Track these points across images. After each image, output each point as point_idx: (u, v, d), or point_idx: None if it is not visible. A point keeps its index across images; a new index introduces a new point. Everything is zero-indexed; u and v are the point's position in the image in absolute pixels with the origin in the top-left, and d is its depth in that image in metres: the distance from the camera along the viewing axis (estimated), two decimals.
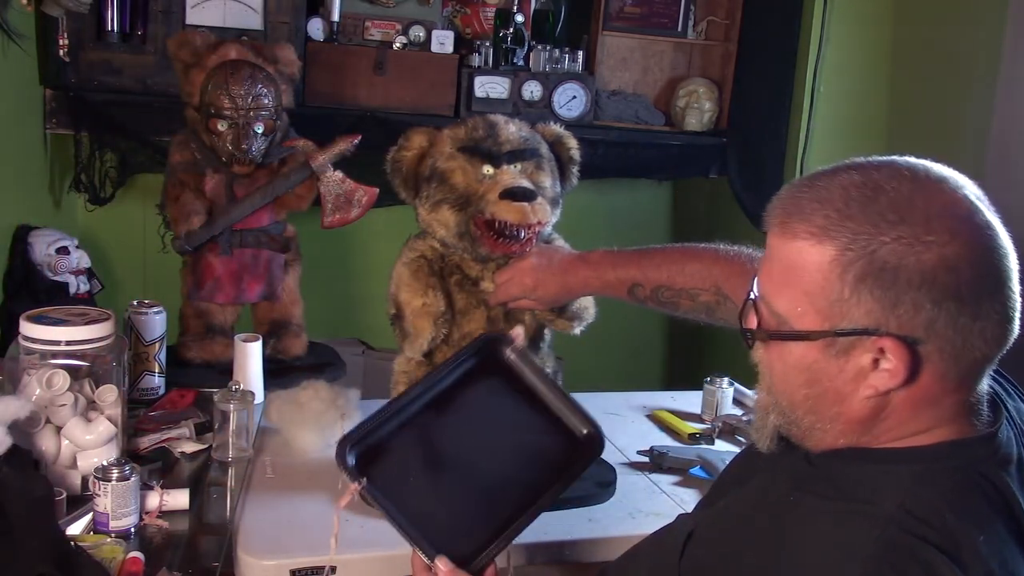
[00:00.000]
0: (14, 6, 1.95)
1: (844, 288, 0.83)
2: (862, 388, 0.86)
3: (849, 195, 0.84)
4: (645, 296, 1.36)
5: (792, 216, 0.87)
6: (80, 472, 1.37)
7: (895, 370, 0.84)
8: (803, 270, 0.86)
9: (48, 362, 1.36)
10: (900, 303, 0.82)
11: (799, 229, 0.86)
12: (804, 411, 0.91)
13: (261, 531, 1.36)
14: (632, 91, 2.89)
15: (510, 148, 1.41)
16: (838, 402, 0.88)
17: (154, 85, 2.36)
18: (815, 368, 0.88)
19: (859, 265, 0.82)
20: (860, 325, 0.84)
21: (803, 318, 0.87)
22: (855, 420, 0.89)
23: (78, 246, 2.20)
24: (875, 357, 0.84)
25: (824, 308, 0.85)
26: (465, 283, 1.46)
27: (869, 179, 0.85)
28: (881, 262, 0.81)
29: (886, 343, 0.83)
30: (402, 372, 1.51)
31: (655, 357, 3.40)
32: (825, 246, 0.84)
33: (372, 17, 2.59)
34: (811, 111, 2.68)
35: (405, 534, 1.09)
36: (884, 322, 0.83)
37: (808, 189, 0.87)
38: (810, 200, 0.86)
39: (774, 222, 0.89)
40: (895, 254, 0.81)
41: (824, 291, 0.84)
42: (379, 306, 1.51)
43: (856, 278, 0.82)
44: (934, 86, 2.57)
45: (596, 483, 1.55)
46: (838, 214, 0.84)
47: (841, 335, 0.85)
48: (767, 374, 0.94)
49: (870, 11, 2.68)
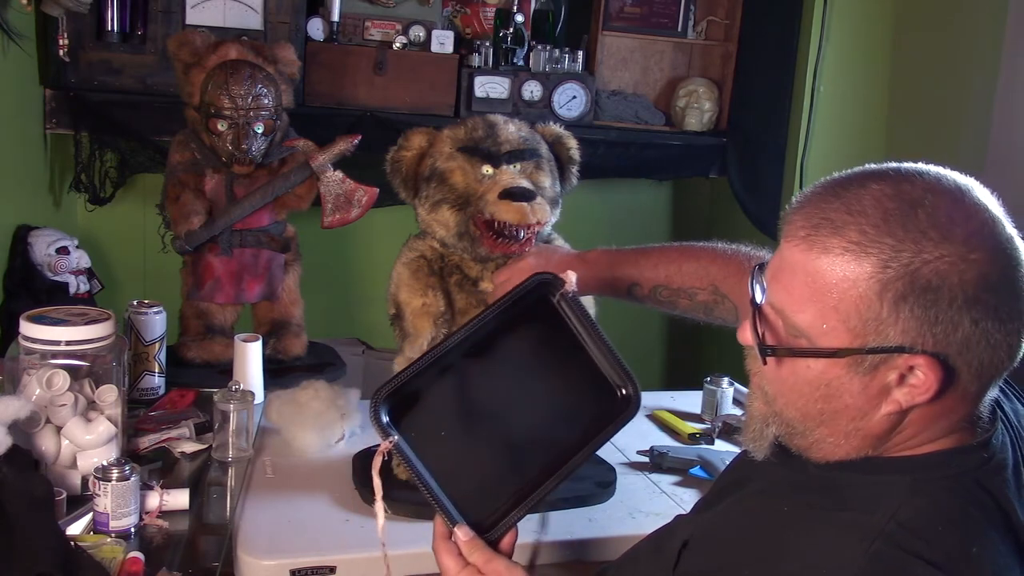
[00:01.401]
0: (14, 6, 1.95)
1: (883, 307, 0.80)
2: (884, 404, 0.84)
3: (885, 208, 0.81)
4: (643, 296, 1.36)
5: (820, 229, 0.83)
6: (80, 472, 1.37)
7: (924, 386, 0.82)
8: (835, 286, 0.82)
9: (48, 362, 1.36)
10: (939, 322, 0.80)
11: (831, 244, 0.82)
12: (816, 424, 0.89)
13: (261, 531, 1.36)
14: (632, 91, 2.89)
15: (509, 148, 1.41)
16: (857, 418, 0.86)
17: (154, 85, 2.36)
18: (835, 384, 0.85)
19: (900, 284, 0.79)
20: (895, 343, 0.81)
21: (829, 335, 0.83)
22: (872, 435, 0.87)
23: (78, 246, 2.20)
24: (902, 373, 0.82)
25: (857, 326, 0.82)
26: (465, 283, 1.46)
27: (902, 192, 0.82)
28: (924, 281, 0.79)
29: (919, 360, 0.81)
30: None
31: (655, 357, 3.40)
32: (862, 263, 0.80)
33: (372, 17, 2.60)
34: (811, 111, 2.68)
35: (432, 497, 1.06)
36: (920, 340, 0.80)
37: (834, 199, 0.84)
38: (840, 212, 0.82)
39: (797, 233, 0.85)
40: (938, 274, 0.79)
41: (858, 309, 0.81)
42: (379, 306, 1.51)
43: (896, 297, 0.80)
44: (934, 86, 2.57)
45: (596, 483, 1.55)
46: (875, 229, 0.80)
47: (874, 353, 0.82)
48: (772, 388, 0.91)
49: (870, 11, 2.68)
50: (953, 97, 2.49)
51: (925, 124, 2.58)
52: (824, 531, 0.86)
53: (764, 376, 0.92)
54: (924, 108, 2.60)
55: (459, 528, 1.05)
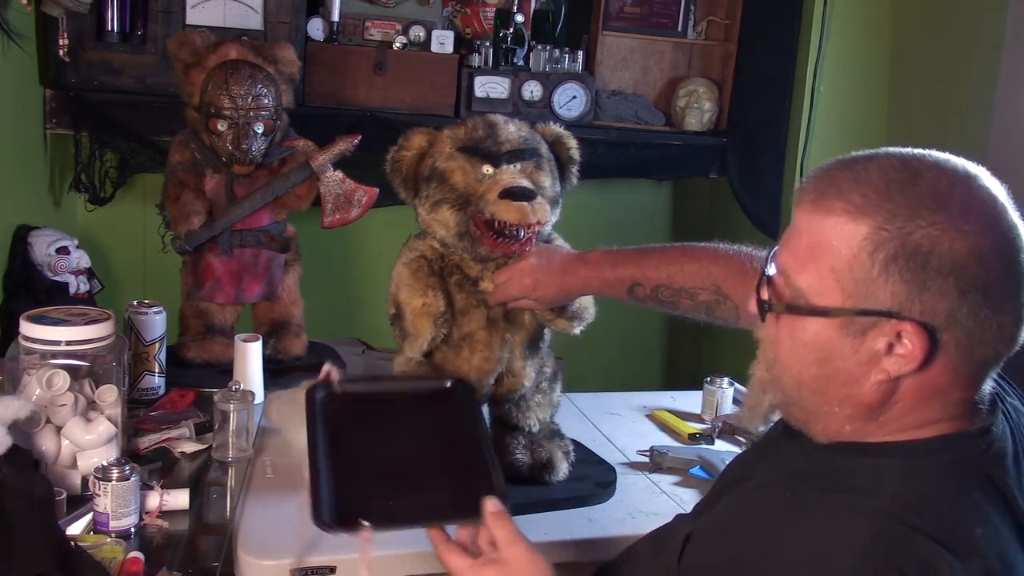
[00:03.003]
0: (14, 6, 1.95)
1: (874, 267, 0.83)
2: (874, 372, 0.86)
3: (889, 177, 0.84)
4: (645, 296, 1.36)
5: (827, 193, 0.86)
6: (80, 472, 1.37)
7: (910, 355, 0.84)
8: (833, 246, 0.85)
9: (48, 362, 1.36)
10: (927, 288, 0.81)
11: (835, 206, 0.85)
12: (811, 391, 0.90)
13: (261, 531, 1.36)
14: (632, 91, 2.89)
15: (510, 148, 1.41)
16: (849, 384, 0.88)
17: (154, 85, 2.36)
18: (829, 347, 0.87)
19: (892, 246, 0.82)
20: (884, 307, 0.83)
21: (825, 295, 0.86)
22: (864, 405, 0.88)
23: (78, 246, 2.20)
24: (890, 342, 0.84)
25: (849, 286, 0.84)
26: (465, 283, 1.46)
27: (909, 165, 0.85)
28: (914, 245, 0.81)
29: (906, 327, 0.83)
30: (402, 372, 1.51)
31: (655, 357, 3.40)
32: (860, 224, 0.83)
33: (372, 17, 2.59)
34: (811, 111, 2.68)
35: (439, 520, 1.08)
36: (908, 306, 0.82)
37: (846, 169, 0.87)
38: (848, 179, 0.86)
39: (807, 198, 0.88)
40: (929, 239, 0.81)
41: (852, 269, 0.84)
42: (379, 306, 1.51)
43: (887, 258, 0.82)
44: (934, 86, 2.57)
45: (596, 483, 1.55)
46: (877, 194, 0.83)
47: (863, 315, 0.84)
48: (772, 351, 0.93)
49: (870, 11, 2.68)
50: (953, 97, 2.49)
51: (925, 124, 2.57)
52: (826, 515, 0.87)
53: (766, 340, 0.94)
54: (924, 108, 2.60)
55: (489, 501, 1.05)
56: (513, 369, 1.50)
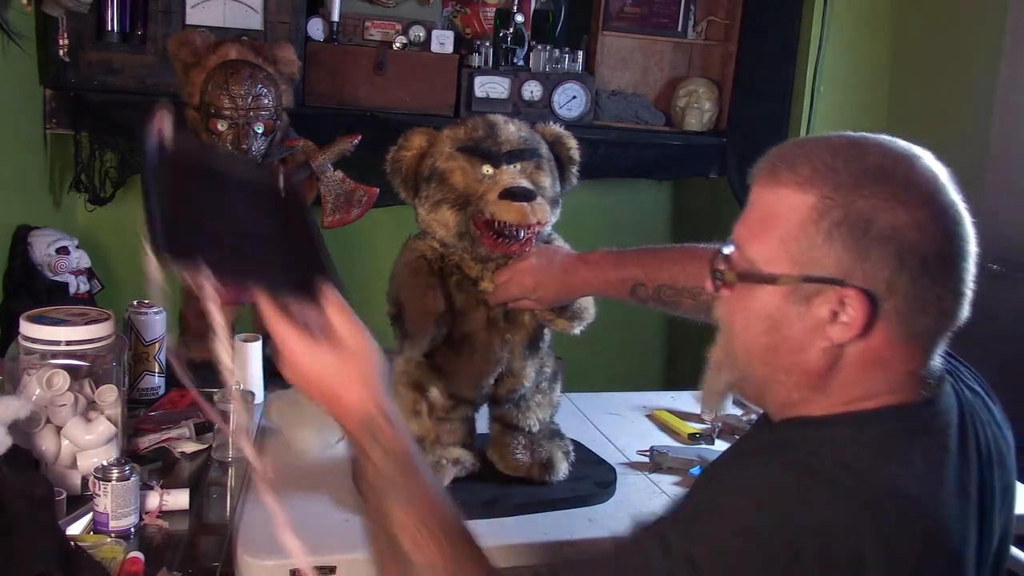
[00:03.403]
0: (14, 6, 1.95)
1: (818, 235, 0.86)
2: (819, 339, 0.88)
3: (836, 152, 0.88)
4: (647, 296, 1.36)
5: (779, 167, 0.90)
6: (80, 472, 1.37)
7: (852, 322, 0.86)
8: (782, 216, 0.89)
9: (48, 362, 1.36)
10: (868, 256, 0.84)
11: (785, 178, 0.89)
12: (760, 362, 0.93)
13: (261, 531, 1.35)
14: (632, 91, 2.89)
15: (510, 148, 1.41)
16: (795, 351, 0.90)
17: (154, 85, 2.36)
18: (777, 315, 0.90)
19: (836, 214, 0.85)
20: (828, 274, 0.86)
21: (774, 263, 0.89)
22: (809, 372, 0.90)
23: (78, 246, 2.20)
24: (834, 310, 0.86)
25: (796, 254, 0.87)
26: (465, 283, 1.46)
27: (856, 143, 0.90)
28: (857, 213, 0.85)
29: (849, 294, 0.85)
30: (402, 372, 1.51)
31: (655, 357, 3.40)
32: (807, 194, 0.87)
33: (372, 17, 2.59)
34: (811, 111, 2.68)
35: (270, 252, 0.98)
36: (851, 273, 0.85)
37: (798, 147, 0.92)
38: (798, 154, 0.90)
39: (761, 174, 0.93)
40: (871, 207, 0.84)
41: (799, 237, 0.87)
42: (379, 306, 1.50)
43: (831, 225, 0.85)
44: (934, 86, 2.57)
45: (596, 483, 1.55)
46: (824, 166, 0.87)
47: (808, 281, 0.87)
48: (727, 327, 0.97)
49: (870, 11, 2.68)
50: (953, 97, 2.49)
51: (925, 124, 2.57)
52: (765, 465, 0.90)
53: (723, 318, 0.97)
54: (924, 108, 2.60)
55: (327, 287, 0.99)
56: (513, 369, 1.50)
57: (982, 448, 0.93)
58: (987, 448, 0.94)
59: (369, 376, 1.00)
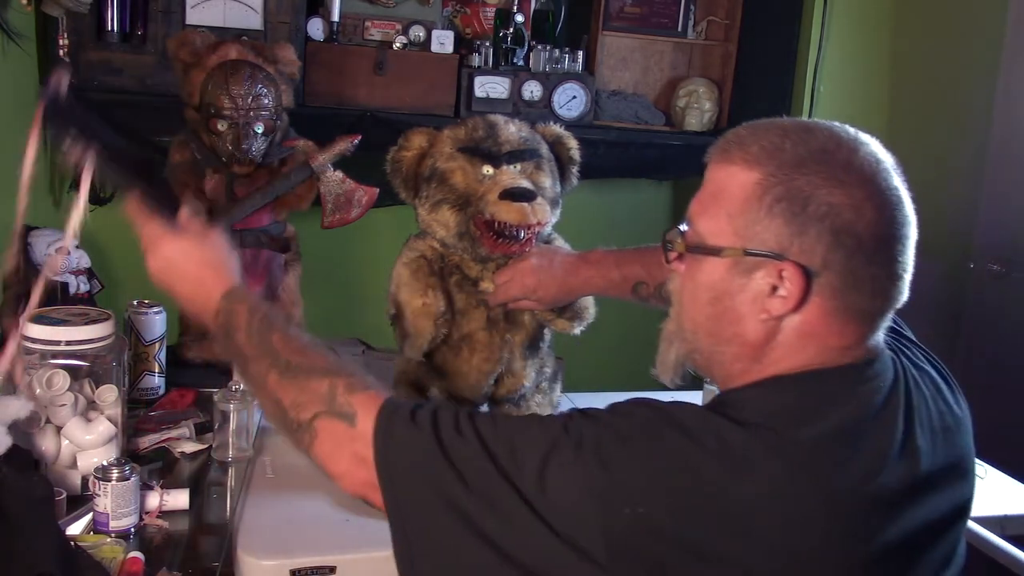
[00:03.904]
0: (14, 6, 1.95)
1: (760, 210, 0.90)
2: (759, 311, 0.92)
3: (786, 132, 0.92)
4: (649, 294, 1.36)
5: (730, 146, 0.95)
6: (80, 472, 1.37)
7: (789, 296, 0.90)
8: (730, 191, 0.93)
9: (48, 362, 1.36)
10: (805, 232, 0.88)
11: (735, 156, 0.93)
12: (705, 332, 0.97)
13: (261, 531, 1.35)
14: (632, 91, 2.89)
15: (510, 148, 1.41)
16: (736, 322, 0.94)
17: (154, 85, 2.36)
18: (720, 287, 0.94)
19: (777, 190, 0.89)
20: (768, 248, 0.90)
21: (719, 236, 0.93)
22: (749, 343, 0.94)
23: (78, 246, 2.20)
24: (774, 284, 0.90)
25: (741, 228, 0.91)
26: (465, 283, 1.46)
27: (804, 126, 0.94)
28: (796, 190, 0.88)
29: (787, 268, 0.89)
30: (402, 372, 1.51)
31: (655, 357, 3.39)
32: (753, 171, 0.91)
33: (372, 17, 2.59)
34: (811, 111, 2.68)
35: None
36: (788, 247, 0.89)
37: (751, 127, 0.97)
38: (749, 134, 0.95)
39: (714, 154, 0.97)
40: (810, 185, 0.88)
41: (743, 212, 0.91)
42: (379, 306, 1.51)
43: (772, 201, 0.89)
44: (934, 86, 2.57)
45: None
46: (772, 146, 0.91)
47: (750, 255, 0.91)
48: (678, 299, 1.01)
49: (870, 11, 2.68)
50: (953, 97, 2.49)
51: (925, 124, 2.58)
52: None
53: (674, 293, 1.02)
54: (924, 108, 2.60)
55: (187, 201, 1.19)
56: (513, 369, 1.50)
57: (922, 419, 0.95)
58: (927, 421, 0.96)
59: (224, 259, 1.18)
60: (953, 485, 0.97)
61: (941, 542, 0.95)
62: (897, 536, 0.89)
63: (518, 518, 0.87)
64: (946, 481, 0.96)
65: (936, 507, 0.94)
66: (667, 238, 1.00)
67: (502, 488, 0.88)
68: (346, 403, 0.99)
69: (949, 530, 0.97)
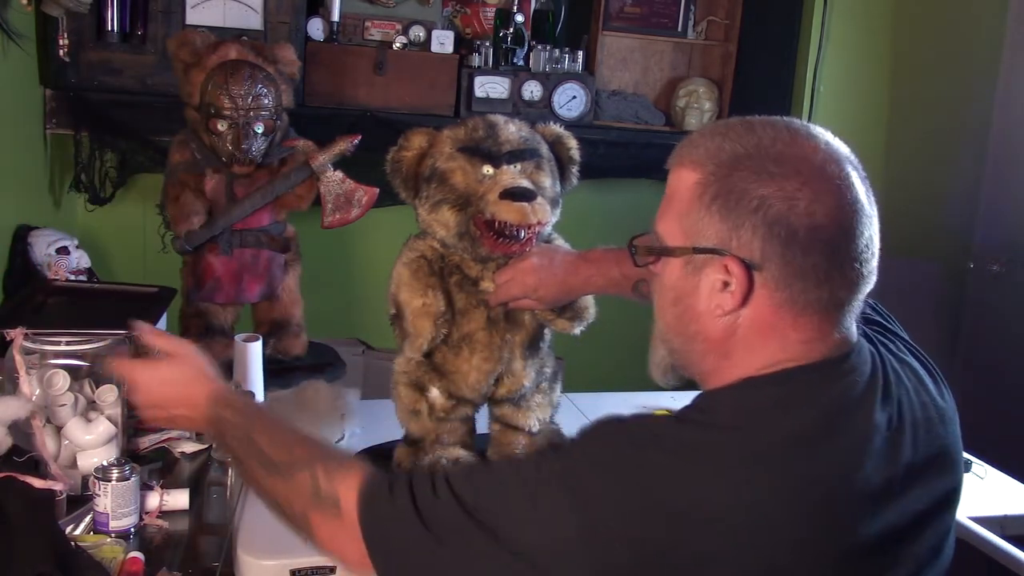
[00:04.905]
0: (14, 6, 1.95)
1: (701, 208, 0.92)
2: (714, 308, 0.94)
3: (728, 132, 0.94)
4: (649, 292, 1.36)
5: (683, 150, 0.98)
6: (80, 472, 1.37)
7: (736, 290, 0.91)
8: (679, 193, 0.96)
9: (48, 362, 1.36)
10: (741, 226, 0.90)
11: (685, 159, 0.96)
12: (675, 332, 0.99)
13: (261, 531, 1.35)
14: (632, 91, 2.89)
15: (510, 148, 1.41)
16: (695, 320, 0.96)
17: (154, 85, 2.36)
18: (678, 286, 0.96)
19: (715, 187, 0.91)
20: (711, 244, 0.92)
21: (672, 236, 0.96)
22: (712, 340, 0.95)
23: (78, 246, 2.20)
24: (724, 280, 0.92)
25: (688, 227, 0.94)
26: (465, 283, 1.46)
27: (748, 124, 0.95)
28: (731, 186, 0.90)
29: (731, 263, 0.91)
30: (402, 372, 1.51)
31: None
32: (696, 171, 0.94)
33: (372, 17, 2.60)
34: (811, 111, 2.68)
35: None
36: (728, 243, 0.91)
37: (702, 130, 0.99)
38: (699, 137, 0.97)
39: (672, 158, 0.99)
40: (743, 180, 0.90)
41: (688, 212, 0.94)
42: (379, 306, 1.50)
43: (710, 198, 0.92)
44: (934, 86, 2.57)
45: None
46: (715, 146, 0.93)
47: (697, 252, 0.93)
48: (655, 302, 1.02)
49: (870, 11, 2.68)
50: (953, 97, 2.49)
51: (925, 124, 2.58)
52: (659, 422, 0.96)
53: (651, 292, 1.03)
54: (924, 108, 2.60)
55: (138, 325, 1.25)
56: (513, 369, 1.50)
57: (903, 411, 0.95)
58: (909, 413, 0.96)
59: (203, 370, 1.23)
60: (938, 476, 0.97)
61: (928, 533, 0.96)
62: (880, 529, 0.89)
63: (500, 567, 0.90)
64: (931, 472, 0.96)
65: (919, 499, 0.94)
66: (632, 242, 1.03)
67: (480, 540, 0.91)
68: (329, 491, 1.03)
69: (935, 522, 0.97)
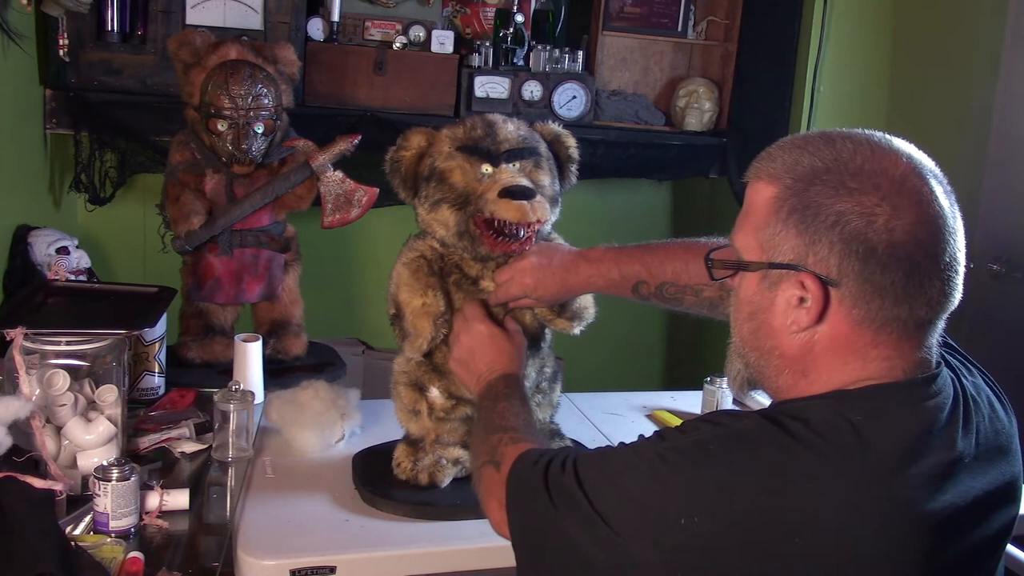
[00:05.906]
0: (14, 6, 1.95)
1: (778, 223, 0.91)
2: (789, 323, 0.92)
3: (807, 145, 0.92)
4: (649, 293, 1.36)
5: (761, 164, 0.96)
6: (80, 472, 1.37)
7: (811, 307, 0.90)
8: (756, 207, 0.94)
9: (48, 362, 1.36)
10: (817, 242, 0.88)
11: (763, 172, 0.95)
12: (750, 347, 0.98)
13: (261, 531, 1.36)
14: (632, 91, 2.89)
15: (509, 147, 1.41)
16: (771, 336, 0.95)
17: (154, 85, 2.36)
18: (754, 301, 0.95)
19: (791, 202, 0.90)
20: (787, 259, 0.91)
21: (749, 251, 0.95)
22: (788, 357, 0.94)
23: (78, 246, 2.20)
24: (800, 295, 0.91)
25: (764, 242, 0.93)
26: (465, 283, 1.45)
27: (828, 137, 0.93)
28: (807, 201, 0.89)
29: (807, 279, 0.90)
30: (402, 372, 1.51)
31: (655, 357, 3.40)
32: (773, 185, 0.93)
33: (372, 17, 2.59)
34: (811, 111, 2.68)
35: None
36: (804, 258, 0.90)
37: (781, 143, 0.97)
38: (778, 150, 0.95)
39: (750, 170, 0.97)
40: (821, 195, 0.88)
41: (765, 226, 0.93)
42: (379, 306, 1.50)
43: (787, 213, 0.90)
44: (934, 86, 2.57)
45: None
46: (793, 160, 0.92)
47: (773, 267, 0.92)
48: (732, 316, 1.01)
49: (870, 11, 2.68)
50: (953, 97, 2.49)
51: (925, 124, 2.57)
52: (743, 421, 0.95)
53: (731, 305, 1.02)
54: (924, 108, 2.60)
55: None
56: None
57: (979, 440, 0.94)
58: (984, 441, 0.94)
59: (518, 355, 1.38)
60: (1003, 508, 0.96)
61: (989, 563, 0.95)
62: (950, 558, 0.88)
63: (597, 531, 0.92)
64: (999, 503, 0.95)
65: (984, 531, 0.93)
66: (709, 256, 1.02)
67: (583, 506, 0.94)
68: (502, 453, 1.12)
69: (993, 554, 0.96)
